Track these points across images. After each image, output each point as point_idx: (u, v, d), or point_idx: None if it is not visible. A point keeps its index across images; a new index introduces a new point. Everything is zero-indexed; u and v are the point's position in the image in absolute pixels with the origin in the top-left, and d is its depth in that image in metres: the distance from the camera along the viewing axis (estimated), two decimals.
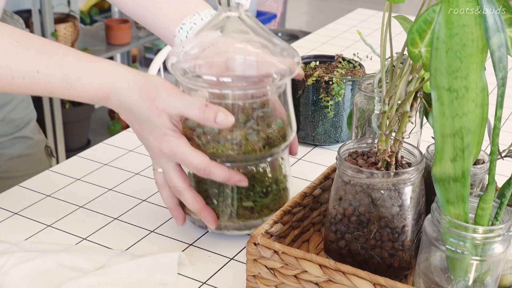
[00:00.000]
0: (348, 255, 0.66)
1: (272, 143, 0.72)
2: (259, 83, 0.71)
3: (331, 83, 0.96)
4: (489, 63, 0.58)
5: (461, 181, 0.54)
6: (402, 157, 0.66)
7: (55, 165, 0.95)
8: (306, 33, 2.77)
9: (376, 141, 0.65)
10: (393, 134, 0.63)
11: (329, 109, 0.97)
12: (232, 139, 0.71)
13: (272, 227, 0.66)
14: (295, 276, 0.61)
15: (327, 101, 0.97)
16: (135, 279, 0.69)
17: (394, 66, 0.64)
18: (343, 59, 1.03)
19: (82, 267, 0.71)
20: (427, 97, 0.65)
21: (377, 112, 0.76)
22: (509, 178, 0.57)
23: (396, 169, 0.64)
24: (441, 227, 0.56)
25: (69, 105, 2.63)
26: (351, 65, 1.02)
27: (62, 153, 2.46)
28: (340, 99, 0.97)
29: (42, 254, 0.72)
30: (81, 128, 2.72)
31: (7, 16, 1.03)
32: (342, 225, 0.65)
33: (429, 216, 0.59)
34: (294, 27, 4.08)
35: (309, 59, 1.04)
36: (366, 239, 0.64)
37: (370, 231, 0.64)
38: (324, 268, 0.59)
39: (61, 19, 2.61)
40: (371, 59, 1.16)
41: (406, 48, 0.55)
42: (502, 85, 0.49)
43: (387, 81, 0.65)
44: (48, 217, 0.81)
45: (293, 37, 3.07)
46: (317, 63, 1.03)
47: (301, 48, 1.49)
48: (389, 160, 0.63)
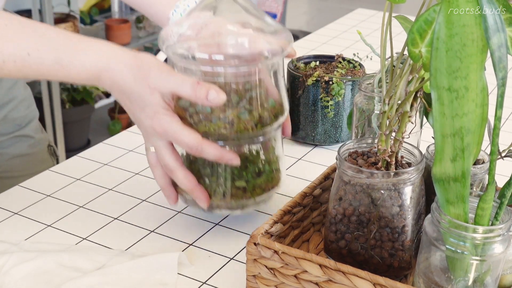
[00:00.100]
0: (348, 255, 0.66)
1: (264, 122, 0.72)
2: (251, 61, 0.71)
3: (331, 83, 0.96)
4: (489, 63, 0.58)
5: (461, 181, 0.54)
6: (402, 157, 0.66)
7: (55, 165, 0.95)
8: (306, 33, 2.77)
9: (376, 141, 0.65)
10: (393, 134, 0.63)
11: (329, 109, 0.97)
12: (224, 118, 0.70)
13: (272, 227, 0.66)
14: (295, 276, 0.61)
15: (327, 101, 0.97)
16: (135, 279, 0.69)
17: (394, 66, 0.64)
18: (343, 59, 1.03)
19: (82, 267, 0.71)
20: (427, 97, 0.65)
21: (377, 112, 0.76)
22: (509, 178, 0.57)
23: (396, 169, 0.64)
24: (441, 227, 0.56)
25: (69, 105, 2.63)
26: (351, 65, 1.02)
27: (62, 153, 2.46)
28: (340, 99, 0.97)
29: (42, 254, 0.72)
30: (81, 128, 2.72)
31: None
32: (342, 225, 0.65)
33: (429, 216, 0.59)
34: (294, 27, 4.08)
35: (309, 59, 1.04)
36: (366, 239, 0.64)
37: (370, 231, 0.64)
38: (324, 268, 0.59)
39: (61, 19, 2.61)
40: (371, 59, 1.16)
41: (406, 48, 0.55)
42: (502, 85, 0.49)
43: (387, 81, 0.65)
44: (48, 217, 0.81)
45: (293, 37, 3.07)
46: (317, 63, 1.03)
47: (301, 48, 1.49)
48: (389, 160, 0.63)
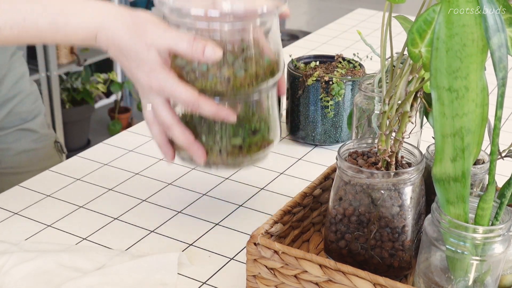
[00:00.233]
0: (348, 255, 0.66)
1: (260, 79, 0.73)
2: (246, 18, 0.71)
3: (331, 83, 0.96)
4: (489, 63, 0.58)
5: (461, 181, 0.54)
6: (402, 157, 0.66)
7: (63, 162, 0.95)
8: (306, 33, 2.77)
9: (376, 141, 0.65)
10: (393, 134, 0.63)
11: (329, 109, 0.97)
12: (220, 75, 0.71)
13: (272, 227, 0.66)
14: (295, 276, 0.61)
15: (327, 101, 0.97)
16: (135, 279, 0.69)
17: (394, 66, 0.64)
18: (343, 59, 1.03)
19: (82, 267, 0.71)
20: (427, 97, 0.65)
21: (377, 112, 0.76)
22: (509, 178, 0.57)
23: (396, 169, 0.64)
24: (441, 227, 0.56)
25: (69, 105, 2.63)
26: (351, 65, 1.02)
27: None
28: (340, 99, 0.97)
29: (42, 254, 0.72)
30: (81, 128, 2.72)
31: None
32: (342, 225, 0.65)
33: (429, 216, 0.59)
34: (294, 27, 4.07)
35: (309, 59, 1.04)
36: (366, 239, 0.64)
37: (370, 231, 0.64)
38: (324, 268, 0.59)
39: None
40: (371, 59, 1.17)
41: (406, 48, 0.55)
42: (502, 85, 0.49)
43: (387, 81, 0.65)
44: (48, 217, 0.81)
45: (293, 37, 3.07)
46: (317, 63, 1.03)
47: (301, 48, 1.49)
48: (389, 160, 0.63)
